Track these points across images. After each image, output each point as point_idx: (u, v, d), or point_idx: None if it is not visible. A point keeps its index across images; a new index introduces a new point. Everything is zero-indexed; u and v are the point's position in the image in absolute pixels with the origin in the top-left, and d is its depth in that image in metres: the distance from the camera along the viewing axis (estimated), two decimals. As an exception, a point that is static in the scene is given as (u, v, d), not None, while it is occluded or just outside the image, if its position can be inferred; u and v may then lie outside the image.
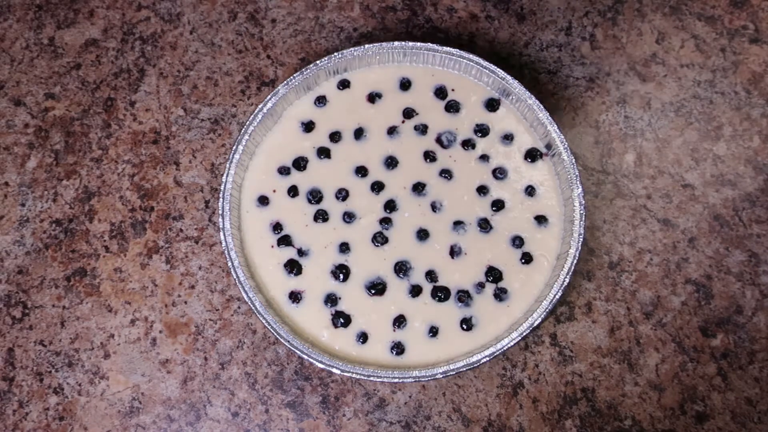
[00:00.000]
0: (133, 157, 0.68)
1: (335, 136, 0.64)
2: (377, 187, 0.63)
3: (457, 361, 0.57)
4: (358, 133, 0.64)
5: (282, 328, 0.57)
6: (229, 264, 0.59)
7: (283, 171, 0.64)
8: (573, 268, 0.58)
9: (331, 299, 0.60)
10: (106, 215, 0.67)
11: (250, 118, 0.63)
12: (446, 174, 0.63)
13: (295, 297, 0.60)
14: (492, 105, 0.65)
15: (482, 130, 0.64)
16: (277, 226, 0.62)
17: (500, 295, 0.60)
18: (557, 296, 0.57)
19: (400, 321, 0.59)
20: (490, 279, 0.60)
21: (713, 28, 0.71)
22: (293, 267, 0.61)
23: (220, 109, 0.70)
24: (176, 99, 0.70)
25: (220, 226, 0.60)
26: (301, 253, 0.61)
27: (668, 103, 0.69)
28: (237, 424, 0.61)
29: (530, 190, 0.62)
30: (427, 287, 0.60)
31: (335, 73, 0.66)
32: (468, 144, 0.64)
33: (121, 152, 0.69)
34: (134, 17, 0.73)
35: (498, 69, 0.63)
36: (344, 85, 0.66)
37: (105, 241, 0.66)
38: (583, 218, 0.59)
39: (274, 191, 0.63)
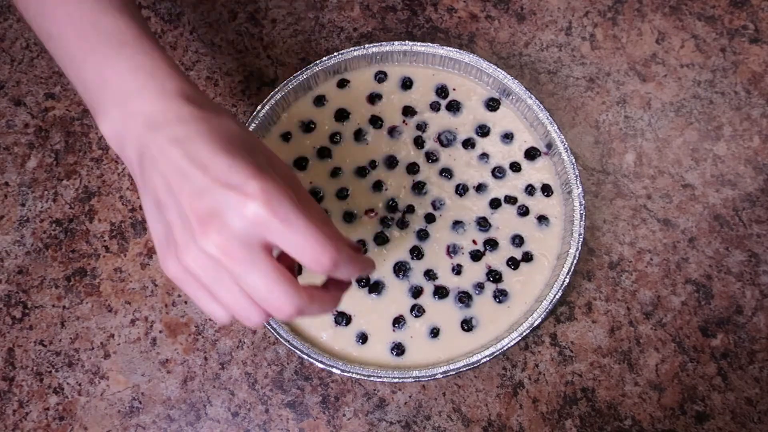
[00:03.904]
0: (133, 157, 0.68)
1: (335, 137, 0.64)
2: (378, 186, 0.63)
3: (457, 361, 0.57)
4: (358, 134, 0.64)
5: (282, 328, 0.57)
6: (229, 264, 0.59)
7: (283, 171, 0.64)
8: (573, 268, 0.58)
9: (331, 299, 0.60)
10: (106, 215, 0.67)
11: (250, 118, 0.63)
12: (446, 173, 0.63)
13: (295, 297, 0.60)
14: (492, 105, 0.65)
15: (482, 130, 0.64)
16: (277, 226, 0.62)
17: (500, 296, 0.60)
18: (557, 296, 0.58)
19: (399, 321, 0.59)
20: (490, 279, 0.60)
21: (713, 28, 0.71)
22: (293, 267, 0.61)
23: (220, 109, 0.70)
24: (176, 99, 0.70)
25: (220, 226, 0.60)
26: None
27: (668, 103, 0.69)
28: (237, 424, 0.61)
29: (530, 190, 0.62)
30: (428, 288, 0.60)
31: (335, 73, 0.66)
32: (468, 143, 0.64)
33: (121, 152, 0.69)
34: (134, 17, 0.73)
35: (498, 69, 0.63)
36: (344, 84, 0.66)
37: (105, 241, 0.66)
38: (583, 218, 0.59)
39: (274, 191, 0.63)
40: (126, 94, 0.40)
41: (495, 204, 0.62)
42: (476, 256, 0.61)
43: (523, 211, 0.62)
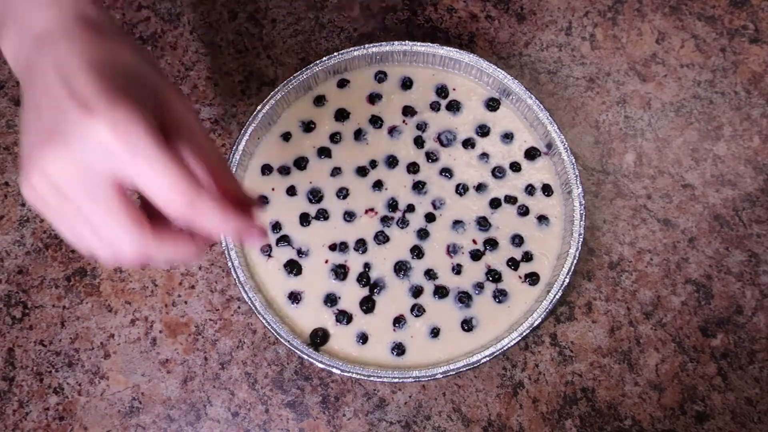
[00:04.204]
0: (133, 157, 0.68)
1: (335, 137, 0.64)
2: (378, 185, 0.63)
3: (457, 361, 0.57)
4: (358, 134, 0.64)
5: (282, 328, 0.57)
6: (229, 264, 0.59)
7: (284, 171, 0.64)
8: (573, 268, 0.58)
9: (330, 299, 0.60)
10: (106, 215, 0.67)
11: (250, 118, 0.63)
12: (446, 173, 0.63)
13: (294, 297, 0.60)
14: (492, 105, 0.65)
15: (482, 130, 0.64)
16: (276, 226, 0.62)
17: (499, 295, 0.60)
18: (557, 296, 0.58)
19: (400, 321, 0.59)
20: (490, 279, 0.60)
21: (713, 28, 0.71)
22: (293, 267, 0.61)
23: (220, 109, 0.70)
24: (176, 99, 0.70)
25: (220, 226, 0.60)
26: (300, 253, 0.61)
27: (668, 103, 0.69)
28: (237, 424, 0.61)
29: (530, 190, 0.62)
30: (428, 287, 0.60)
31: (335, 73, 0.66)
32: (468, 143, 0.64)
33: (121, 152, 0.68)
34: (134, 17, 0.73)
35: (498, 69, 0.63)
36: (344, 84, 0.66)
37: (105, 241, 0.66)
38: (583, 218, 0.59)
39: (273, 189, 0.63)
40: (25, 12, 0.38)
41: (495, 204, 0.62)
42: (476, 255, 0.61)
43: (523, 211, 0.62)
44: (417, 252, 0.61)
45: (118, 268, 0.65)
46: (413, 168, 0.63)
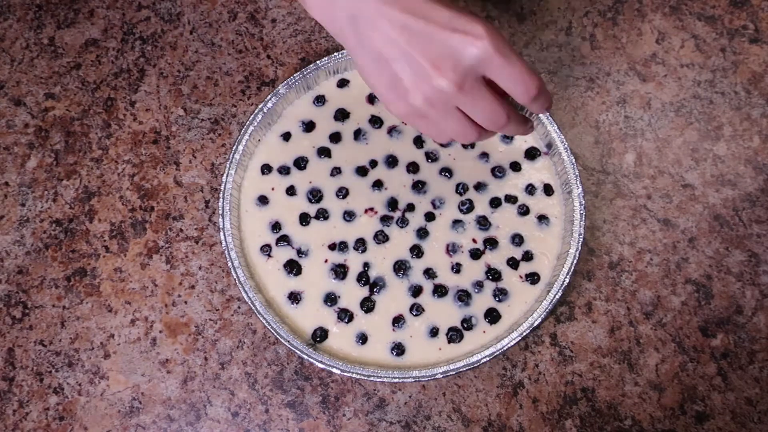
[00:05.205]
0: (133, 157, 0.68)
1: (335, 137, 0.64)
2: (378, 185, 0.63)
3: (457, 361, 0.57)
4: (358, 133, 0.64)
5: (282, 328, 0.57)
6: (229, 264, 0.59)
7: (284, 170, 0.64)
8: (573, 268, 0.58)
9: (330, 299, 0.60)
10: (106, 215, 0.67)
11: (250, 118, 0.63)
12: (446, 172, 0.63)
13: (294, 297, 0.60)
14: (492, 105, 0.65)
15: (482, 130, 0.64)
16: (276, 226, 0.62)
17: (499, 294, 0.60)
18: (557, 296, 0.58)
19: (399, 320, 0.59)
20: (490, 278, 0.60)
21: (713, 28, 0.71)
22: (293, 267, 0.61)
23: (220, 109, 0.70)
24: (176, 99, 0.70)
25: (220, 226, 0.60)
26: (300, 253, 0.61)
27: (668, 103, 0.69)
28: (237, 424, 0.61)
29: (530, 189, 0.62)
30: (428, 287, 0.60)
31: (335, 72, 0.66)
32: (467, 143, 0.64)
33: (121, 152, 0.69)
34: (134, 17, 0.73)
35: (498, 69, 0.63)
36: (344, 84, 0.66)
37: (105, 241, 0.66)
38: (583, 218, 0.59)
39: (273, 189, 0.63)
40: None
41: (495, 203, 0.62)
42: (476, 254, 0.61)
43: (524, 211, 0.62)
44: (416, 251, 0.61)
45: (118, 267, 0.65)
46: (413, 168, 0.63)
